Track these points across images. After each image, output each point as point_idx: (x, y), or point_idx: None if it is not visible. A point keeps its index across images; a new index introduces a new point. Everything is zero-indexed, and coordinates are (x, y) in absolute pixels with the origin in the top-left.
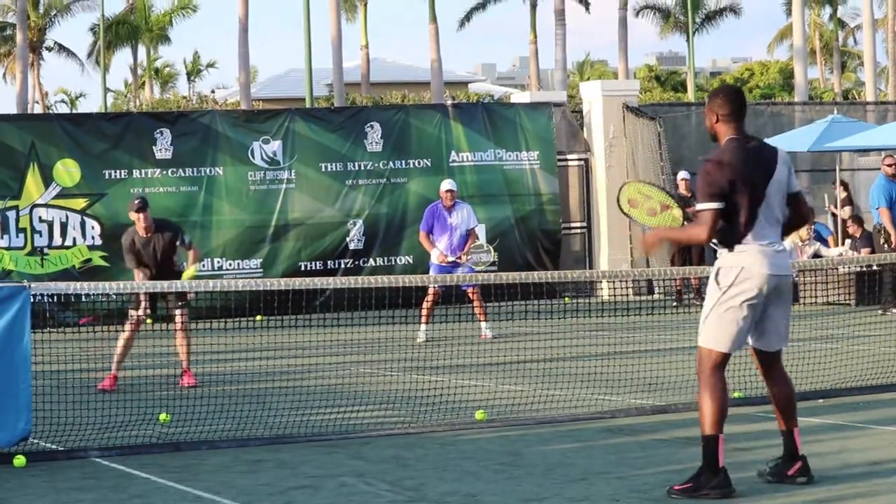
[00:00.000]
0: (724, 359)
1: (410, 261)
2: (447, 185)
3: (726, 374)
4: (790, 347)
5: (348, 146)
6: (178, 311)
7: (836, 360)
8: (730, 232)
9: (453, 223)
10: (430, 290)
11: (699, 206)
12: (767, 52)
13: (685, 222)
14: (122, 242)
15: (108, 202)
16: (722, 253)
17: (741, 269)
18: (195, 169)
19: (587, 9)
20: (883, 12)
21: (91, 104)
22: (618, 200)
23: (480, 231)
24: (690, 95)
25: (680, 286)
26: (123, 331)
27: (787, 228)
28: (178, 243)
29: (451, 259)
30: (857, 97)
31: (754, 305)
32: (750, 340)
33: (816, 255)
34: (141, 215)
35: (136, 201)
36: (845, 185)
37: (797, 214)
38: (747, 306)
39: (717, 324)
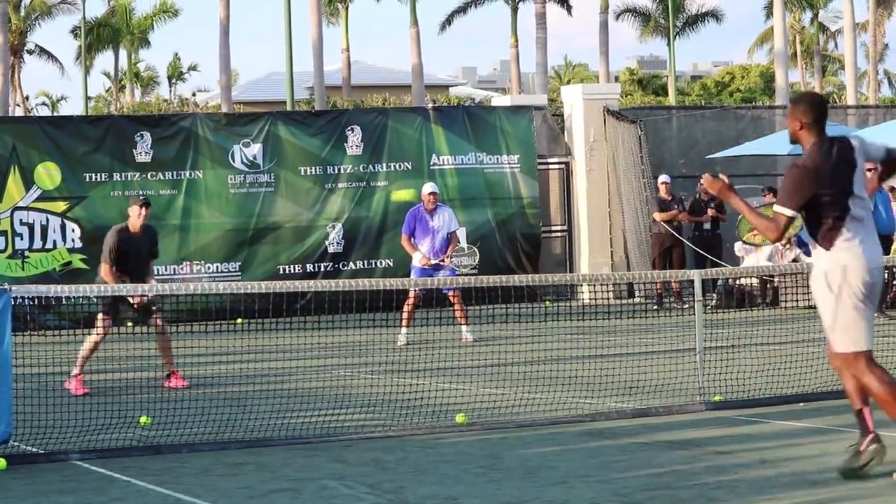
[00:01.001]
0: (870, 354)
1: (391, 264)
2: (429, 188)
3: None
4: (773, 350)
5: (328, 149)
6: (154, 315)
7: (816, 363)
8: (823, 231)
9: (435, 226)
10: (411, 293)
11: (776, 209)
12: (748, 56)
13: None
14: (106, 239)
15: (88, 205)
16: (819, 253)
17: (845, 267)
18: (175, 172)
19: (569, 12)
20: (865, 16)
21: (72, 107)
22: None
23: (461, 234)
24: (671, 99)
25: (661, 290)
26: (94, 333)
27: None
28: (154, 247)
29: (434, 262)
30: (837, 101)
31: (866, 298)
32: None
33: (795, 261)
34: (145, 211)
35: (142, 197)
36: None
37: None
38: (862, 300)
39: (847, 324)
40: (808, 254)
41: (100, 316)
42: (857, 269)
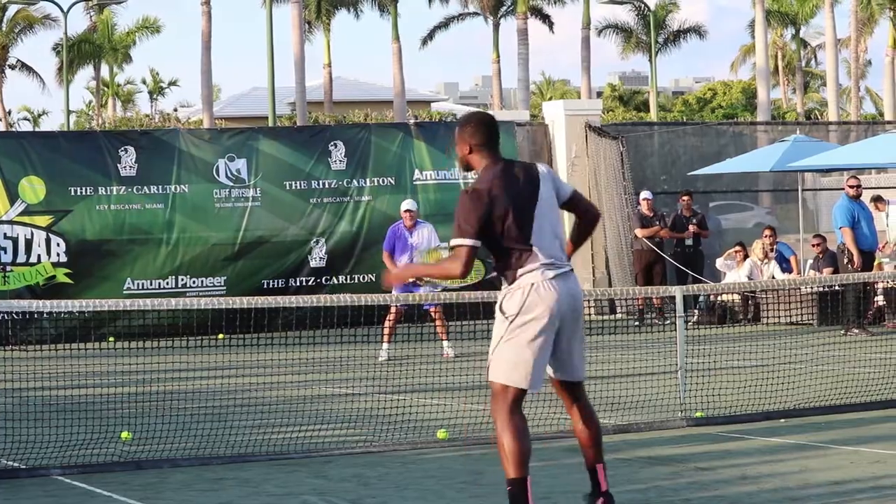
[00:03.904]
0: (521, 395)
1: (373, 279)
2: (406, 205)
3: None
4: (755, 367)
5: (312, 164)
6: None
7: (798, 379)
8: (505, 262)
9: (414, 242)
10: (392, 309)
11: (453, 242)
12: (732, 72)
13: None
14: None
15: (73, 219)
16: (505, 282)
17: (527, 294)
18: (160, 186)
19: (550, 28)
20: (847, 33)
21: (53, 122)
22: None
23: (443, 250)
24: (653, 115)
25: (642, 305)
26: None
27: (581, 232)
28: None
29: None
30: (819, 117)
31: (545, 332)
32: (550, 371)
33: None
34: None
35: None
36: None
37: (583, 214)
38: (538, 333)
39: (508, 356)
40: (787, 270)
41: None
42: (541, 298)
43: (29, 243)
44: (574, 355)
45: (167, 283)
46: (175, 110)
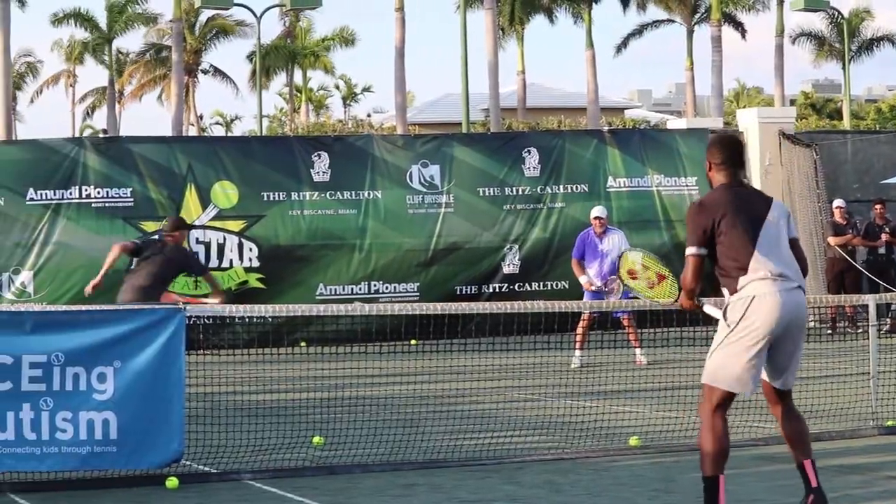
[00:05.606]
0: (727, 398)
1: (566, 286)
2: (596, 212)
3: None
4: None
5: (506, 171)
6: None
7: None
8: (727, 272)
9: (604, 250)
10: (584, 315)
11: (686, 252)
12: None
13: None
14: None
15: (266, 224)
16: (726, 292)
17: (749, 305)
18: (353, 192)
19: (743, 36)
20: None
21: (245, 127)
22: (618, 269)
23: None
24: (846, 123)
25: (834, 314)
26: None
27: None
28: None
29: (597, 285)
30: None
31: (760, 342)
32: (765, 376)
33: None
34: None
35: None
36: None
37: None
38: (753, 343)
39: (720, 361)
40: None
41: None
42: (762, 309)
43: (221, 248)
44: (789, 366)
45: (360, 289)
46: (368, 116)
